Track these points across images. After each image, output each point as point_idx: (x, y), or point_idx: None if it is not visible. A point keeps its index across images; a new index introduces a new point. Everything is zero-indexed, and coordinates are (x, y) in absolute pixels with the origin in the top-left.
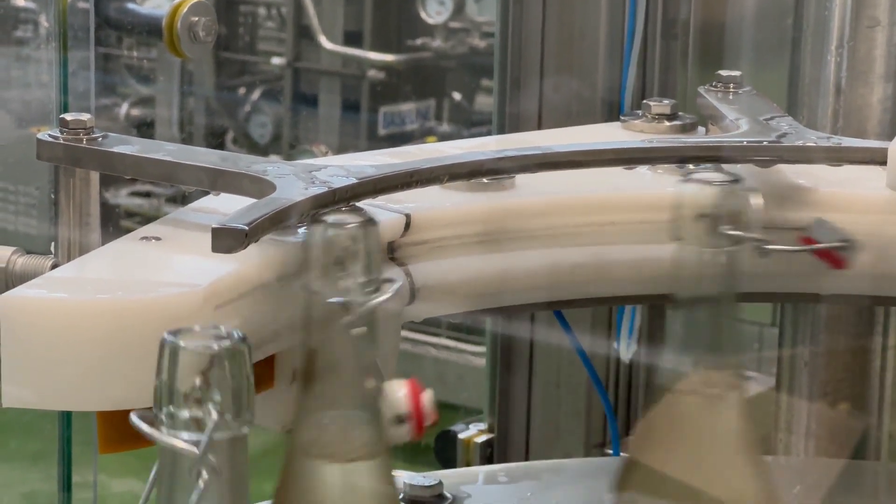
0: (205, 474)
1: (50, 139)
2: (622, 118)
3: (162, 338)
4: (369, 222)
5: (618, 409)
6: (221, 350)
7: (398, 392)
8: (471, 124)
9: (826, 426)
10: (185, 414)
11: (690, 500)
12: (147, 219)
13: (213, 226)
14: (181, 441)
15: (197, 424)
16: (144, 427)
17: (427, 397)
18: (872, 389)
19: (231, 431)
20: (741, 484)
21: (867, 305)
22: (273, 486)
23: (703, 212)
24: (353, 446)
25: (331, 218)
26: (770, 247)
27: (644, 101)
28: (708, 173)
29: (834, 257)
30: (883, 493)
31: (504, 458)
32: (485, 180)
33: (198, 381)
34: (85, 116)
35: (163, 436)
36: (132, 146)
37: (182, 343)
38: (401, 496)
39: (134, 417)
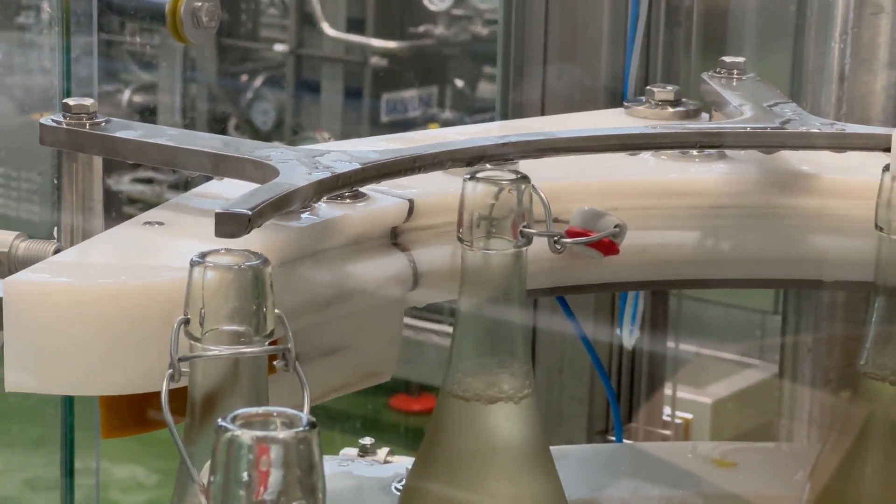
0: None
1: (53, 124)
2: (625, 104)
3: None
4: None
5: (620, 396)
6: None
7: None
8: (473, 111)
9: (829, 413)
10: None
11: None
12: (149, 205)
13: (217, 211)
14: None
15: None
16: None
17: None
18: None
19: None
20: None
21: (869, 292)
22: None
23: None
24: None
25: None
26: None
27: (648, 88)
28: (492, 171)
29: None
30: None
31: None
32: (488, 166)
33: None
34: (88, 101)
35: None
36: (135, 131)
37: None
38: (403, 481)
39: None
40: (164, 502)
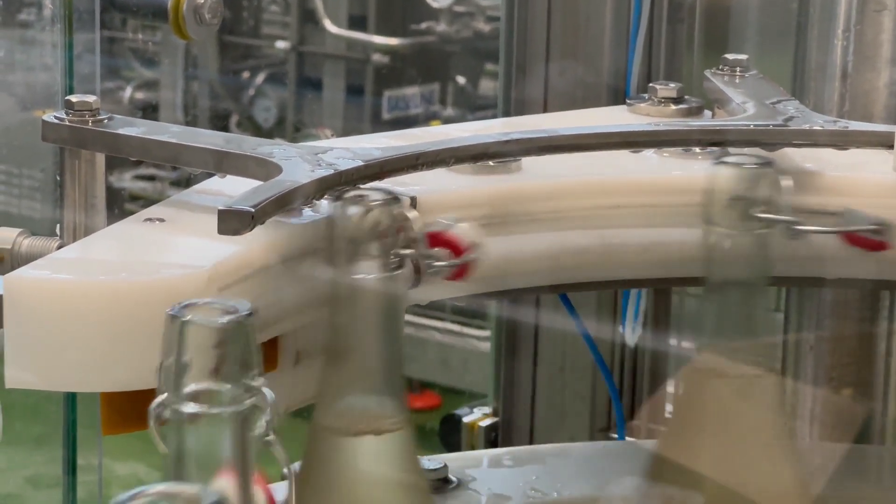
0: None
1: (55, 121)
2: (628, 101)
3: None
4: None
5: (623, 393)
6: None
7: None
8: (475, 108)
9: (831, 411)
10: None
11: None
12: (151, 202)
13: (220, 208)
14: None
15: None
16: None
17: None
18: (877, 374)
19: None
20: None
21: (872, 290)
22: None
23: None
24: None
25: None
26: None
27: (650, 85)
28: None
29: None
30: (887, 477)
31: (509, 442)
32: (491, 163)
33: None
34: (90, 98)
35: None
36: (138, 128)
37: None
38: None
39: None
40: None
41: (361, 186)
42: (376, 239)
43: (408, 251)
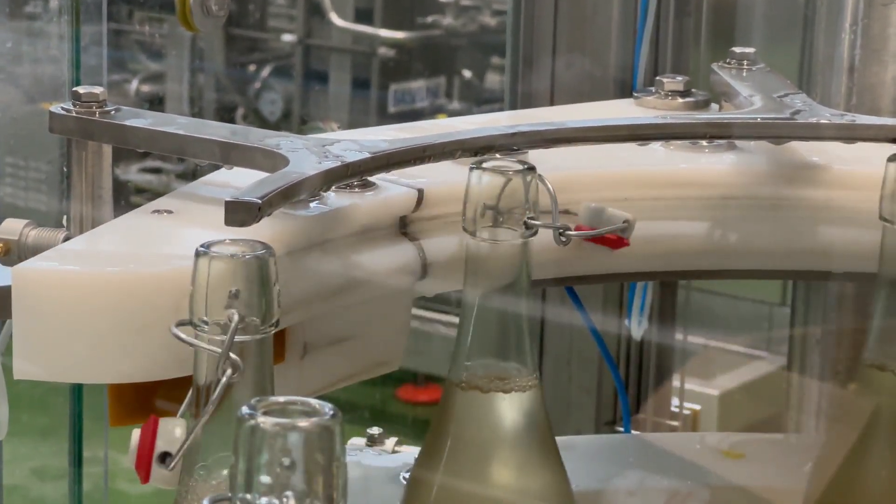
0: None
1: (62, 112)
2: (635, 94)
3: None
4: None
5: (629, 386)
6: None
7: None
8: (481, 102)
9: (837, 404)
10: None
11: None
12: (157, 195)
13: (227, 199)
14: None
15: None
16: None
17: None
18: None
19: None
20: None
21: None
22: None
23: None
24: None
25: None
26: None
27: (657, 78)
28: (498, 161)
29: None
30: None
31: None
32: (497, 156)
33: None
34: (97, 89)
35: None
36: (145, 119)
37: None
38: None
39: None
40: (169, 492)
41: (498, 156)
42: (512, 206)
43: (537, 221)
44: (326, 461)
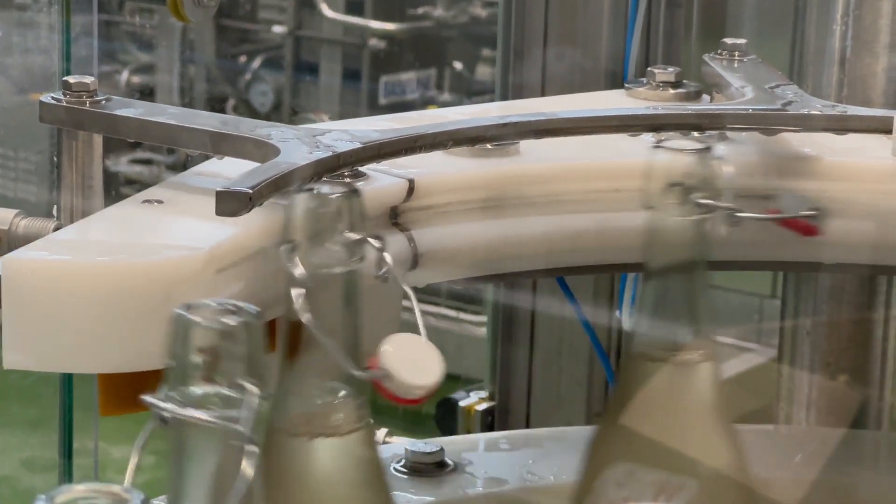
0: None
1: (53, 102)
2: (626, 85)
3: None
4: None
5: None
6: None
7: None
8: (472, 94)
9: (827, 396)
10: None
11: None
12: (147, 186)
13: (217, 189)
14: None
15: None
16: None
17: None
18: (874, 359)
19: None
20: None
21: (869, 275)
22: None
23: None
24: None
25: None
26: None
27: (648, 69)
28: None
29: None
30: (884, 463)
31: (505, 426)
32: (489, 146)
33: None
34: (88, 79)
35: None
36: (135, 109)
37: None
38: (402, 463)
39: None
40: (160, 483)
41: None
42: (685, 186)
43: (712, 202)
44: (251, 353)
